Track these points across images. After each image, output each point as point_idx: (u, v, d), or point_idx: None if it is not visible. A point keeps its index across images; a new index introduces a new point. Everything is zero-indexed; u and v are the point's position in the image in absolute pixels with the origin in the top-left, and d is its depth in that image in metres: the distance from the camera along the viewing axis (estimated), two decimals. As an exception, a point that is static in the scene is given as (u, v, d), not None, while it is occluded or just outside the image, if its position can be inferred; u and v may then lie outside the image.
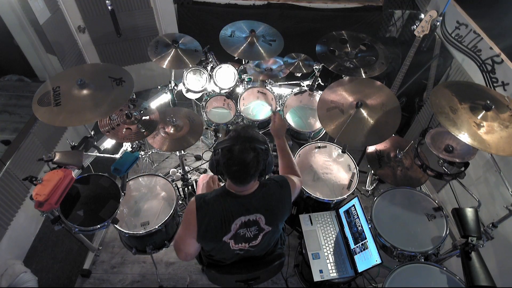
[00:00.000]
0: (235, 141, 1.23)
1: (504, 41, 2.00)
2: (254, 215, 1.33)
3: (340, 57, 2.24)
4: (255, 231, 1.37)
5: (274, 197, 1.36)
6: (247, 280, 1.60)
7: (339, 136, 1.87)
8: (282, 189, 1.38)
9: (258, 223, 1.35)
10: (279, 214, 1.39)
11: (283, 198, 1.38)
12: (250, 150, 1.21)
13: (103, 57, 3.04)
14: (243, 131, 1.27)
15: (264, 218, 1.34)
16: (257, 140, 1.25)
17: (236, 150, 1.21)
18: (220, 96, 2.58)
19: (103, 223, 1.71)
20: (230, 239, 1.36)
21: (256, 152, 1.22)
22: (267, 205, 1.34)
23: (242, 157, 1.21)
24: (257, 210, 1.33)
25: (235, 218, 1.31)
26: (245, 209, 1.31)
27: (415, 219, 1.85)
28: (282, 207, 1.38)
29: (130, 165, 1.81)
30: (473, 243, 1.48)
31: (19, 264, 2.06)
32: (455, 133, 1.50)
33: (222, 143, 1.26)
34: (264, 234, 1.39)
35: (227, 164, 1.24)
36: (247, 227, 1.35)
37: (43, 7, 2.36)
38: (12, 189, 2.11)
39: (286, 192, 1.39)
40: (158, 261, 2.36)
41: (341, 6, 3.00)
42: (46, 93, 1.69)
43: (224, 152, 1.23)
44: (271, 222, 1.37)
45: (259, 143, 1.25)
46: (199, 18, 3.05)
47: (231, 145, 1.23)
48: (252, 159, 1.21)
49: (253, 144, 1.23)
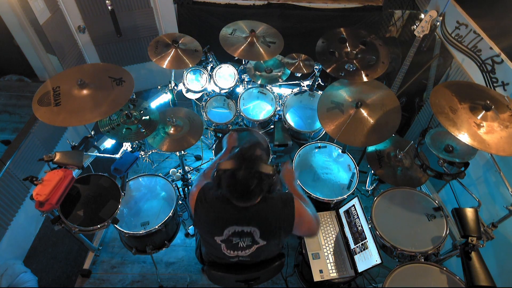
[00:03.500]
0: (239, 165, 1.18)
1: (504, 41, 2.00)
2: (248, 227, 1.29)
3: (340, 59, 2.20)
4: (248, 242, 1.34)
5: (273, 213, 1.30)
6: (247, 280, 1.60)
7: (339, 136, 1.87)
8: (285, 208, 1.32)
9: (252, 235, 1.31)
10: (276, 232, 1.33)
11: (282, 217, 1.31)
12: (254, 177, 1.17)
13: (103, 57, 3.04)
14: (249, 152, 1.22)
15: (258, 232, 1.30)
16: (262, 164, 1.20)
17: (240, 175, 1.16)
18: (220, 96, 2.58)
19: (103, 223, 1.71)
20: (222, 242, 1.34)
21: (260, 179, 1.18)
22: (263, 219, 1.29)
23: (245, 183, 1.17)
24: (251, 223, 1.29)
25: (228, 225, 1.29)
26: (239, 220, 1.28)
27: (415, 219, 1.85)
28: (280, 225, 1.32)
29: (130, 165, 1.82)
30: (473, 243, 1.48)
31: (19, 264, 2.06)
32: (455, 133, 1.50)
33: (225, 163, 1.21)
34: (258, 247, 1.36)
35: (229, 189, 1.20)
36: (240, 237, 1.32)
37: (43, 7, 2.36)
38: (12, 189, 2.11)
39: (287, 212, 1.32)
40: (158, 261, 2.35)
41: (341, 6, 3.00)
42: (46, 93, 1.69)
43: (227, 176, 1.19)
44: (266, 237, 1.32)
45: (264, 168, 1.19)
46: (199, 18, 3.05)
47: (235, 169, 1.18)
48: (255, 186, 1.17)
49: (258, 169, 1.18)
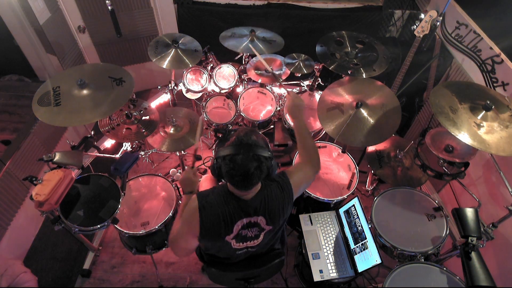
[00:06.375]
0: (237, 150, 1.21)
1: (504, 41, 2.00)
2: (255, 217, 1.34)
3: (341, 59, 2.20)
4: (256, 231, 1.38)
5: (275, 200, 1.36)
6: (247, 278, 1.60)
7: (339, 136, 1.87)
8: (283, 192, 1.38)
9: (259, 224, 1.36)
10: (280, 215, 1.39)
11: (283, 201, 1.38)
12: (253, 159, 1.20)
13: (103, 57, 3.04)
14: (246, 138, 1.25)
15: (265, 219, 1.35)
16: (260, 147, 1.24)
17: (239, 159, 1.20)
18: (220, 96, 2.58)
19: (103, 223, 1.71)
20: (232, 239, 1.37)
21: (259, 161, 1.21)
22: (268, 207, 1.34)
23: (245, 167, 1.20)
24: (258, 213, 1.33)
25: (236, 220, 1.32)
26: (246, 212, 1.32)
27: (415, 219, 1.85)
28: (283, 208, 1.39)
29: (130, 165, 1.82)
30: (473, 243, 1.48)
31: (19, 264, 2.06)
32: (455, 133, 1.50)
33: (223, 150, 1.25)
34: (265, 233, 1.41)
35: (229, 174, 1.23)
36: (249, 228, 1.36)
37: (43, 7, 2.36)
38: (12, 189, 2.11)
39: (286, 195, 1.38)
40: (158, 261, 2.35)
41: (341, 6, 3.00)
42: (46, 93, 1.69)
43: (227, 161, 1.22)
44: (272, 222, 1.38)
45: (262, 151, 1.23)
46: (199, 18, 3.05)
47: (234, 154, 1.21)
48: (255, 169, 1.20)
49: (256, 152, 1.21)
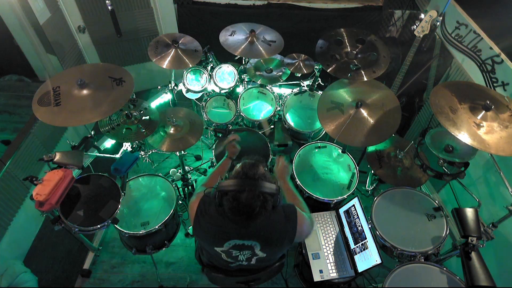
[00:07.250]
0: (242, 186, 1.16)
1: (504, 41, 2.00)
2: (249, 241, 1.28)
3: (342, 60, 2.17)
4: (248, 254, 1.34)
5: (275, 228, 1.29)
6: (248, 281, 1.60)
7: (339, 136, 1.87)
8: (288, 223, 1.30)
9: (252, 248, 1.31)
10: (277, 245, 1.32)
11: (285, 232, 1.30)
12: (257, 199, 1.15)
13: (103, 57, 3.04)
14: (251, 171, 1.20)
15: (259, 245, 1.30)
16: (265, 184, 1.18)
17: (243, 198, 1.14)
18: (220, 96, 2.58)
19: (103, 223, 1.71)
20: (222, 252, 1.33)
21: (265, 200, 1.17)
22: (265, 234, 1.28)
23: (249, 206, 1.15)
24: (253, 237, 1.27)
25: (229, 239, 1.28)
26: (241, 234, 1.27)
27: (415, 219, 1.85)
28: (282, 240, 1.31)
29: (130, 165, 1.82)
30: (473, 243, 1.48)
31: (19, 264, 2.06)
32: (455, 133, 1.50)
33: (227, 185, 1.18)
34: (257, 258, 1.36)
35: (232, 211, 1.18)
36: (240, 250, 1.32)
37: (43, 7, 2.36)
38: (12, 189, 2.11)
39: (290, 226, 1.30)
40: (158, 261, 2.35)
41: (341, 6, 3.00)
42: (46, 93, 1.69)
43: (229, 198, 1.17)
44: (266, 250, 1.32)
45: (268, 188, 1.18)
46: (199, 18, 3.05)
47: (238, 191, 1.16)
48: (259, 208, 1.16)
49: (262, 189, 1.16)
